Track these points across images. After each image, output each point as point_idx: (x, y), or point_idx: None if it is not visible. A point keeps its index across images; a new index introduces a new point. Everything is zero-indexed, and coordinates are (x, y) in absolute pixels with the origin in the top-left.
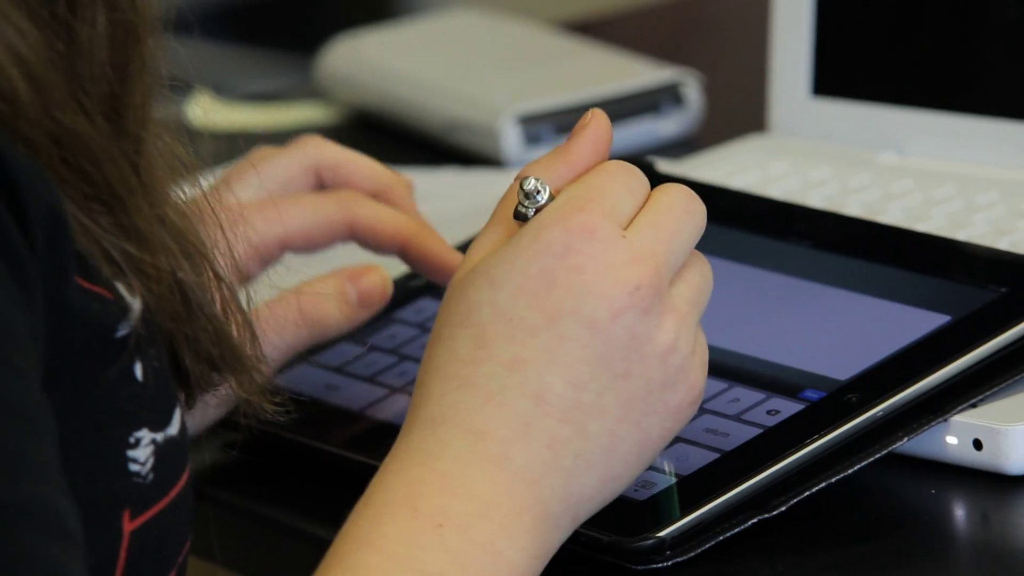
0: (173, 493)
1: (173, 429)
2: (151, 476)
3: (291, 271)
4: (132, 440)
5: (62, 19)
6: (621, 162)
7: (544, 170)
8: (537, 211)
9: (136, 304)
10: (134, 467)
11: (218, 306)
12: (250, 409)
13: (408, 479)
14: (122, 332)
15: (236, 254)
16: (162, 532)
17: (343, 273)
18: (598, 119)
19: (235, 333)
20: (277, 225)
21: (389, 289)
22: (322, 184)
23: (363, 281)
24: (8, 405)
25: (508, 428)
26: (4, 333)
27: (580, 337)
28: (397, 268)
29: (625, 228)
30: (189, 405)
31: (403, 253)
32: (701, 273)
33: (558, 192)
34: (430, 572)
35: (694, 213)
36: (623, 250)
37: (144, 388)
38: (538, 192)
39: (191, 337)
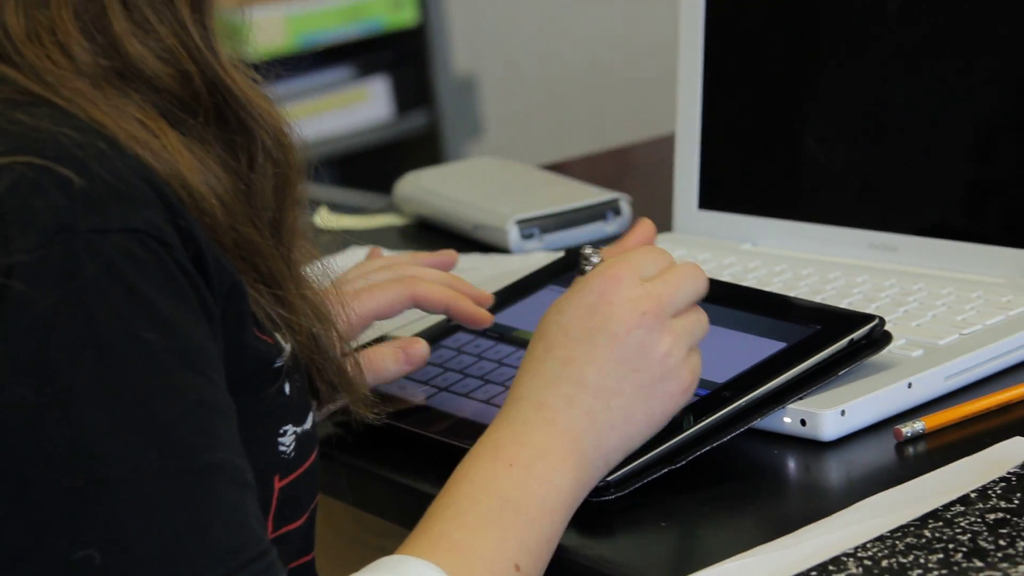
0: (306, 464)
1: (308, 424)
2: (293, 453)
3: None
4: (282, 431)
5: (244, 171)
6: (654, 246)
7: (609, 250)
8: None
9: (287, 347)
10: (282, 448)
11: (338, 351)
12: (358, 415)
13: (495, 437)
14: (278, 364)
15: (349, 322)
16: (299, 488)
17: (398, 341)
18: (646, 224)
19: (349, 368)
20: (367, 306)
21: (427, 354)
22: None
23: (411, 348)
24: (207, 402)
25: (559, 402)
26: (204, 357)
27: (607, 344)
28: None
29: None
30: (319, 408)
31: (447, 312)
32: (698, 318)
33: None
34: (502, 495)
35: (696, 279)
36: (638, 291)
37: (290, 399)
38: (592, 256)
39: (321, 368)
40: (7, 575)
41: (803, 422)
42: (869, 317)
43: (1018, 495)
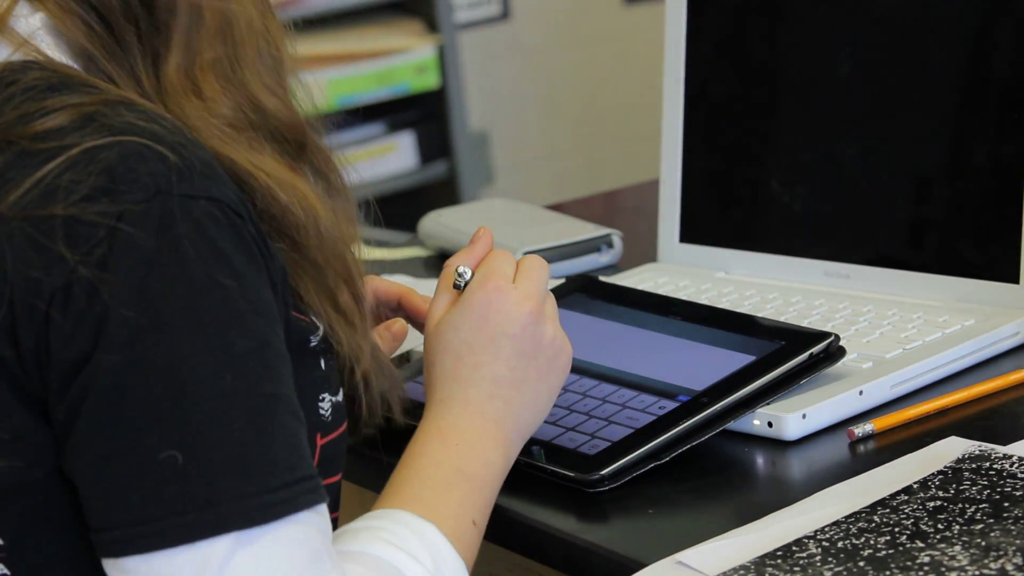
0: (340, 430)
1: (339, 397)
2: (330, 418)
3: None
4: (321, 398)
5: (328, 202)
6: (501, 249)
7: (462, 259)
8: (466, 283)
9: (320, 327)
10: (322, 412)
11: (368, 353)
12: (398, 419)
13: (436, 426)
14: (313, 342)
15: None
16: (335, 449)
17: (381, 325)
18: (486, 231)
19: (380, 360)
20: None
21: (406, 329)
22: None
23: (392, 327)
24: (272, 344)
25: (482, 397)
26: (270, 310)
27: (507, 345)
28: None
29: (513, 282)
30: (366, 423)
31: (399, 302)
32: (552, 298)
33: (475, 270)
34: (455, 466)
35: (544, 267)
36: (518, 295)
37: (326, 373)
38: (465, 273)
39: (369, 382)
40: (101, 472)
41: (770, 424)
42: (826, 334)
43: (953, 486)
